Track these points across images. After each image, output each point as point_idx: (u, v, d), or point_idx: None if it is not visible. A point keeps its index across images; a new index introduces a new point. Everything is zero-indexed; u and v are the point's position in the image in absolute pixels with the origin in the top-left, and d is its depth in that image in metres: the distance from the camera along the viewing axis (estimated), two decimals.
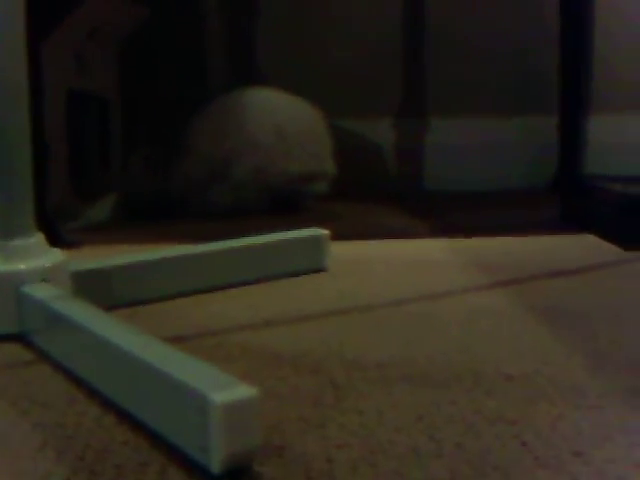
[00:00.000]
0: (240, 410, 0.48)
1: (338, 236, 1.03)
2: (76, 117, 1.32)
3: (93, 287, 0.81)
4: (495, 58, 1.69)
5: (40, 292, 0.73)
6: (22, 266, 0.75)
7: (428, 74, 1.68)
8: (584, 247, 1.14)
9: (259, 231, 0.97)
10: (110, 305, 0.80)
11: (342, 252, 1.06)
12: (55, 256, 0.79)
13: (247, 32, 1.65)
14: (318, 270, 0.97)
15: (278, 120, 1.39)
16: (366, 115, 1.66)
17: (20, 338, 0.74)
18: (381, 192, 1.65)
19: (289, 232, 0.97)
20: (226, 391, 0.48)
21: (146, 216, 1.36)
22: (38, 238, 0.78)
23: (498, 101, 1.70)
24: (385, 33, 1.66)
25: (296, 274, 0.96)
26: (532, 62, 1.69)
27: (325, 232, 0.98)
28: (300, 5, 1.64)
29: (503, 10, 1.68)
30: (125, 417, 0.57)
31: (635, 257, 1.05)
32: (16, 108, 0.74)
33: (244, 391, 0.48)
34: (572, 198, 1.34)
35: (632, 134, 1.70)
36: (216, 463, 0.48)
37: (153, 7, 1.45)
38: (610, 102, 1.71)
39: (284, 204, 1.39)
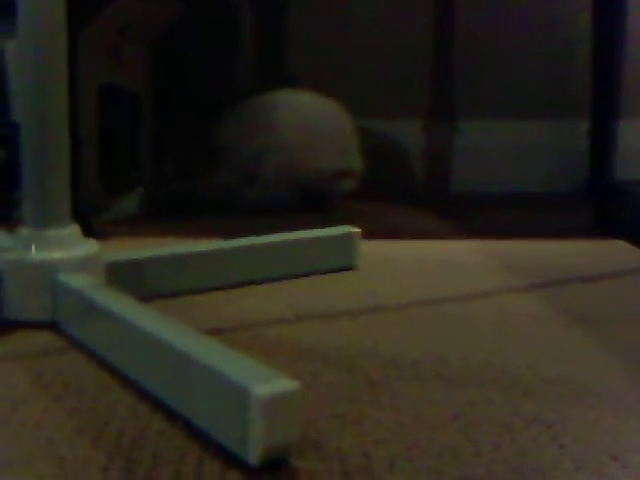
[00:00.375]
0: (281, 403, 0.47)
1: (367, 235, 1.03)
2: (108, 112, 1.33)
3: (126, 278, 0.82)
4: (526, 61, 1.68)
5: (75, 281, 0.73)
6: (57, 255, 0.75)
7: (458, 76, 1.68)
8: (615, 253, 1.13)
9: (289, 229, 0.97)
10: (143, 296, 0.80)
11: (372, 251, 1.06)
12: (90, 247, 0.79)
13: (277, 32, 1.65)
14: (349, 268, 0.97)
15: (306, 119, 1.39)
16: (395, 117, 1.65)
17: (55, 326, 0.74)
18: (408, 194, 1.64)
19: (321, 230, 0.97)
20: (267, 384, 0.47)
21: (175, 212, 1.36)
22: (73, 229, 0.78)
23: (528, 105, 1.69)
24: (415, 34, 1.66)
25: (327, 272, 0.95)
26: (564, 66, 1.68)
27: (356, 230, 0.98)
28: (330, 6, 1.64)
29: (534, 12, 1.67)
30: (159, 406, 0.57)
31: None
32: (56, 93, 0.74)
33: (285, 384, 0.48)
34: (604, 203, 1.33)
35: None
36: (254, 455, 0.48)
37: (187, 4, 1.45)
38: None
39: (314, 202, 1.39)
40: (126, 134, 1.40)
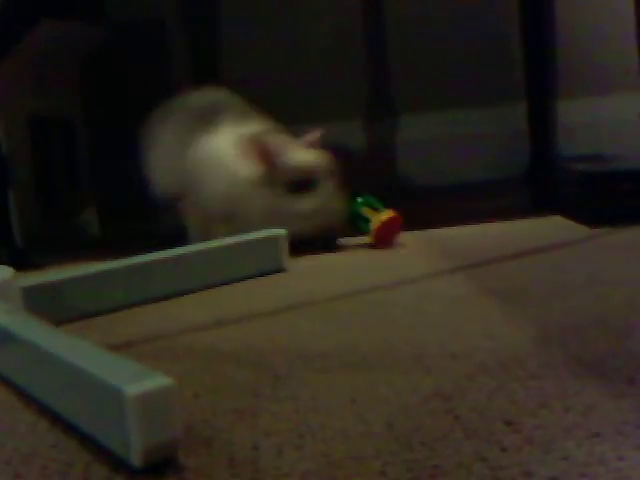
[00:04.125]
0: (155, 402, 0.47)
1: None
2: (41, 141, 1.33)
3: (45, 301, 0.81)
4: (460, 50, 1.68)
5: None
6: None
7: (393, 71, 1.68)
8: (550, 228, 1.13)
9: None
10: (63, 318, 0.80)
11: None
12: (3, 273, 0.78)
13: (210, 46, 1.65)
14: (278, 271, 0.97)
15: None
16: (333, 119, 1.66)
17: None
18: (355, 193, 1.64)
19: (246, 234, 0.97)
20: (140, 383, 0.47)
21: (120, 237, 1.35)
22: None
23: (466, 93, 1.70)
24: (346, 33, 1.66)
25: (256, 275, 0.95)
26: (498, 51, 1.69)
27: (282, 232, 0.98)
28: (260, 12, 1.65)
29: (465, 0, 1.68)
30: (59, 422, 0.57)
31: (598, 234, 1.05)
32: None
33: (159, 381, 0.48)
34: (543, 182, 1.34)
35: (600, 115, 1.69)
36: (136, 457, 0.47)
37: (112, 27, 1.45)
38: (578, 85, 1.70)
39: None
40: (62, 161, 1.40)
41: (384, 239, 1.11)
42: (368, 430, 0.51)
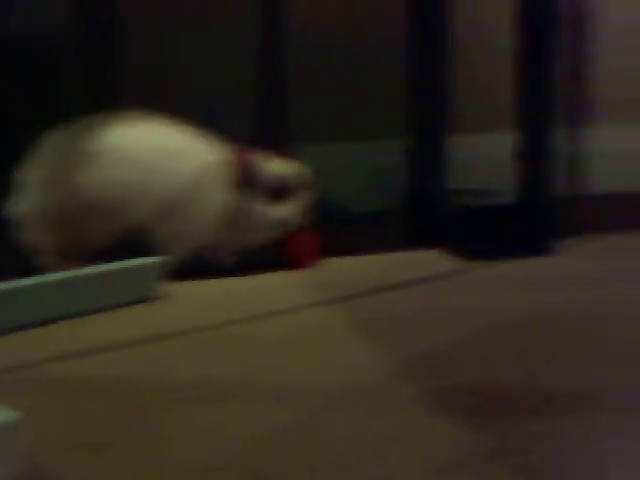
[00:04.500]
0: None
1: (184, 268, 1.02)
2: None
3: None
4: (339, 84, 1.71)
5: None
6: None
7: (280, 104, 1.70)
8: (427, 261, 1.16)
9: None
10: None
11: (185, 281, 1.05)
12: None
13: (106, 69, 1.63)
14: (150, 299, 0.96)
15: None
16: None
17: None
18: None
19: (119, 261, 0.95)
20: None
21: None
22: None
23: (347, 126, 1.73)
24: (241, 62, 1.67)
25: (128, 303, 0.94)
26: (382, 87, 1.72)
27: (156, 260, 0.97)
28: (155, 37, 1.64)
29: (351, 38, 1.71)
30: None
31: (472, 267, 1.08)
32: None
33: (3, 416, 0.47)
34: (422, 215, 1.37)
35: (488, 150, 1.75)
36: None
37: None
38: (467, 121, 1.76)
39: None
40: None
41: (298, 260, 1.13)
42: (221, 464, 0.52)
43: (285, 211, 1.12)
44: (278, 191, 1.12)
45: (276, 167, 1.14)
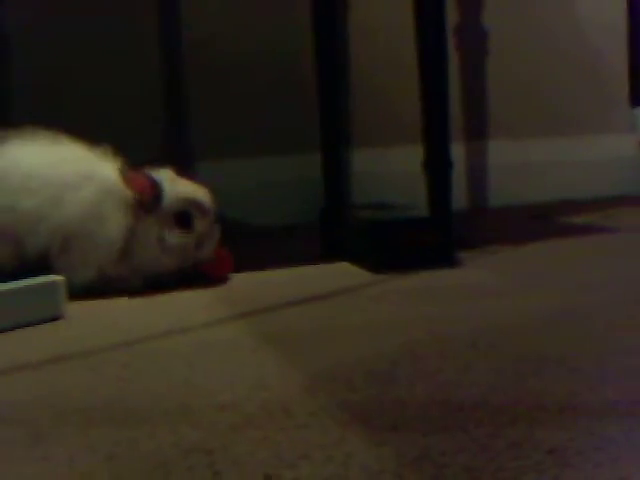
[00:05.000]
0: None
1: None
2: None
3: None
4: (259, 99, 1.71)
5: None
6: None
7: (191, 118, 1.68)
8: (336, 274, 1.15)
9: None
10: None
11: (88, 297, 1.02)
12: None
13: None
14: (54, 318, 0.92)
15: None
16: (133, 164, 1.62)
17: None
18: None
19: (21, 280, 0.92)
20: None
21: None
22: None
23: (265, 141, 1.72)
24: (145, 80, 1.65)
25: (30, 324, 0.91)
26: (296, 101, 1.72)
27: (60, 278, 0.94)
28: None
29: (262, 56, 1.71)
30: None
31: (379, 280, 1.08)
32: None
33: None
34: (332, 229, 1.37)
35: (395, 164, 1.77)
36: None
37: None
38: (373, 136, 1.77)
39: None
40: None
41: (212, 275, 1.10)
42: None
43: (187, 238, 1.08)
44: (181, 215, 1.09)
45: (180, 190, 1.10)
